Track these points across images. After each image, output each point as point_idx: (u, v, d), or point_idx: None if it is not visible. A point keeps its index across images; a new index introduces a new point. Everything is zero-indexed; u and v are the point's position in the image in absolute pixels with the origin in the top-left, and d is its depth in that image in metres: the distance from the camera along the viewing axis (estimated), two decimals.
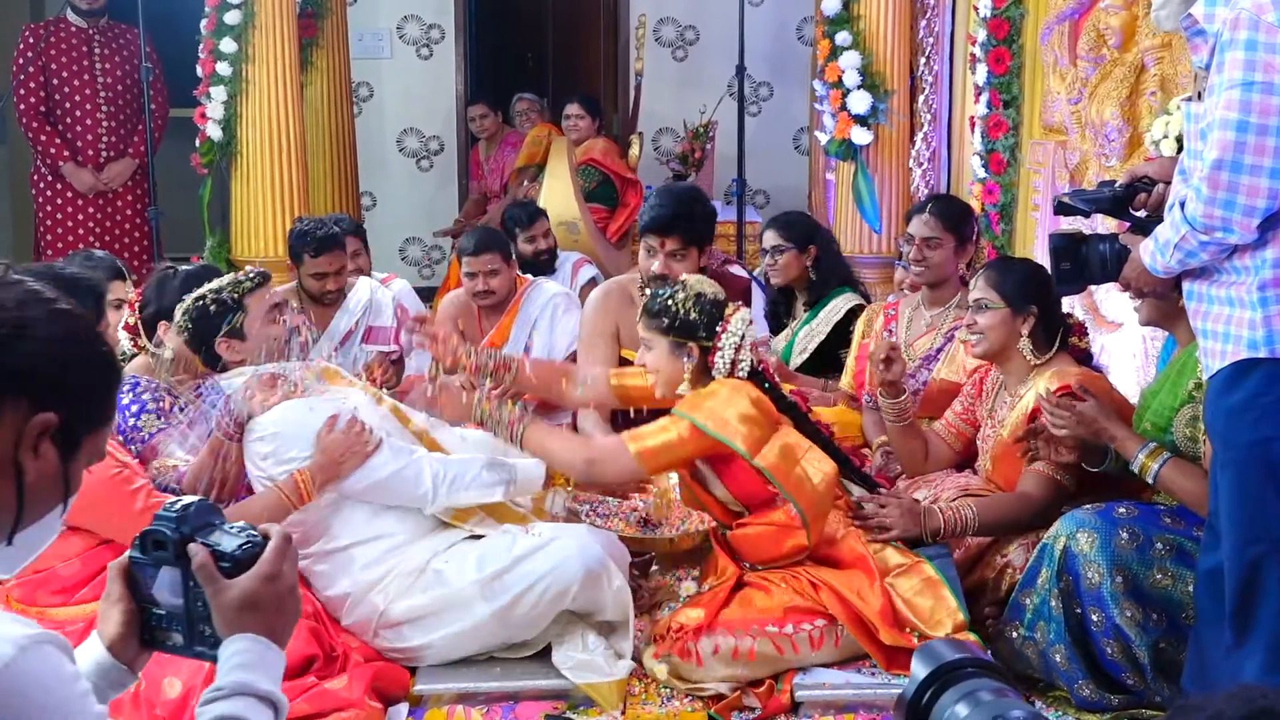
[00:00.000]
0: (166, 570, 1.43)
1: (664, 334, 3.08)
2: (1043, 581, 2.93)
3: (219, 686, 1.37)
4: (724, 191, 7.90)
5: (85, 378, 1.37)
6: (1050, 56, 4.63)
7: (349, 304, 4.63)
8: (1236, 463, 2.45)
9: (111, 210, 6.45)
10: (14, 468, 1.31)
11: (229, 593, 1.40)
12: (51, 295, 1.37)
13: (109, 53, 6.41)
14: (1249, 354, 2.40)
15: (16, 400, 1.30)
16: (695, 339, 3.06)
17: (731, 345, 3.04)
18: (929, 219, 4.03)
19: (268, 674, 1.39)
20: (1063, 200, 2.91)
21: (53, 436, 1.33)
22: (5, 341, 1.29)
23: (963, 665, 1.12)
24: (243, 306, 3.15)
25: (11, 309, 1.31)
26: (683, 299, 3.07)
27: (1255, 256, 2.39)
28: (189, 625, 1.43)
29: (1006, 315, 3.33)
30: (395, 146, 8.68)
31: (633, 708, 2.93)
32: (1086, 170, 4.31)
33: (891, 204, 6.00)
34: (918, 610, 2.98)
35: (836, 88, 5.87)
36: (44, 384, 1.32)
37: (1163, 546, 2.85)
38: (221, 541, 1.43)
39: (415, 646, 3.00)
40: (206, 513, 1.45)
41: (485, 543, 3.05)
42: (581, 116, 7.06)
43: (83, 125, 6.37)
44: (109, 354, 1.43)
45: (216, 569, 1.41)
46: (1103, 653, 2.88)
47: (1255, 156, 2.29)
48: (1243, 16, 2.30)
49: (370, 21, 8.38)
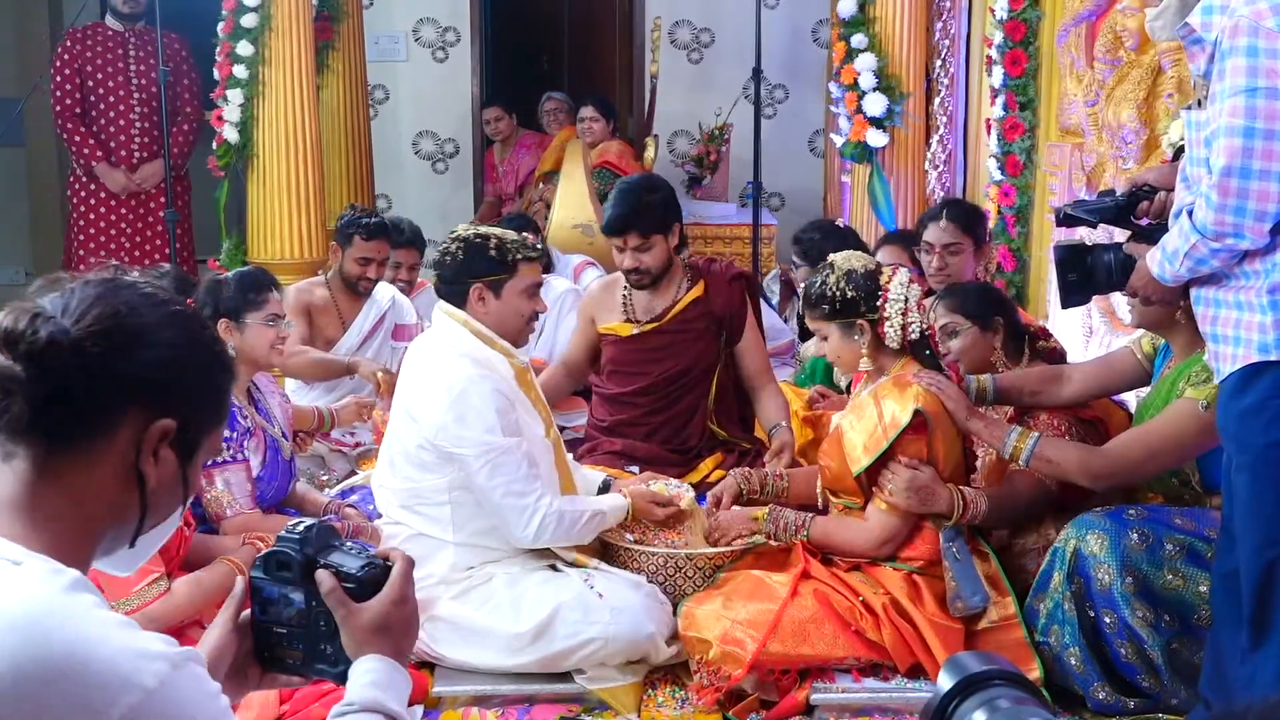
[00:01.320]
0: (290, 591, 1.46)
1: (830, 319, 3.09)
2: (1055, 585, 2.93)
3: (350, 702, 1.40)
4: (739, 194, 7.89)
5: (203, 380, 1.37)
6: (1067, 59, 4.62)
7: (376, 296, 4.69)
8: (1250, 466, 2.45)
9: (144, 212, 6.51)
10: (136, 475, 1.31)
11: (360, 616, 1.44)
12: (166, 296, 1.36)
13: (144, 55, 6.46)
14: (1260, 357, 2.40)
15: (136, 408, 1.29)
16: (861, 315, 3.06)
17: (898, 311, 3.03)
18: (947, 225, 4.01)
19: (396, 694, 1.42)
20: (1066, 212, 2.91)
21: (171, 441, 1.32)
22: (124, 349, 1.28)
23: (989, 676, 1.12)
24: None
25: (128, 315, 1.29)
26: (834, 280, 3.07)
27: (1265, 260, 2.40)
28: (310, 644, 1.47)
29: (976, 333, 3.39)
30: (410, 149, 8.70)
31: (648, 710, 2.94)
32: (1103, 173, 4.30)
33: (907, 207, 5.99)
34: None
35: (852, 90, 5.87)
36: (163, 390, 1.31)
37: (1173, 548, 2.85)
38: (344, 563, 1.46)
39: (442, 654, 3.02)
40: (326, 534, 1.49)
41: (547, 588, 3.05)
42: (596, 119, 7.06)
43: (116, 126, 6.43)
44: (224, 353, 1.43)
45: (344, 593, 1.44)
46: (1117, 655, 2.87)
47: (1263, 161, 2.30)
48: (1241, 23, 2.31)
49: (386, 24, 8.40)
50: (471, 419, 2.98)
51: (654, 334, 3.98)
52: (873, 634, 2.94)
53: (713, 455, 3.92)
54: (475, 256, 3.11)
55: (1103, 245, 2.87)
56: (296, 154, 5.80)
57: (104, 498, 1.30)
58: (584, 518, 3.10)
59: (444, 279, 3.17)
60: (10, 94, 7.12)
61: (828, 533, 3.14)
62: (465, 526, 3.08)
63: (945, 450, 3.06)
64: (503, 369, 3.11)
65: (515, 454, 3.00)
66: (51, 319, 1.26)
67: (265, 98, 5.77)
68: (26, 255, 8.29)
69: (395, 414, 3.20)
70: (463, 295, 3.11)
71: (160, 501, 1.35)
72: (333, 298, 4.66)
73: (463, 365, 3.04)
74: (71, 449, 1.27)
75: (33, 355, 1.24)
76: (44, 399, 1.24)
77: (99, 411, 1.28)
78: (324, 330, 4.61)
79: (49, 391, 1.24)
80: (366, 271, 4.59)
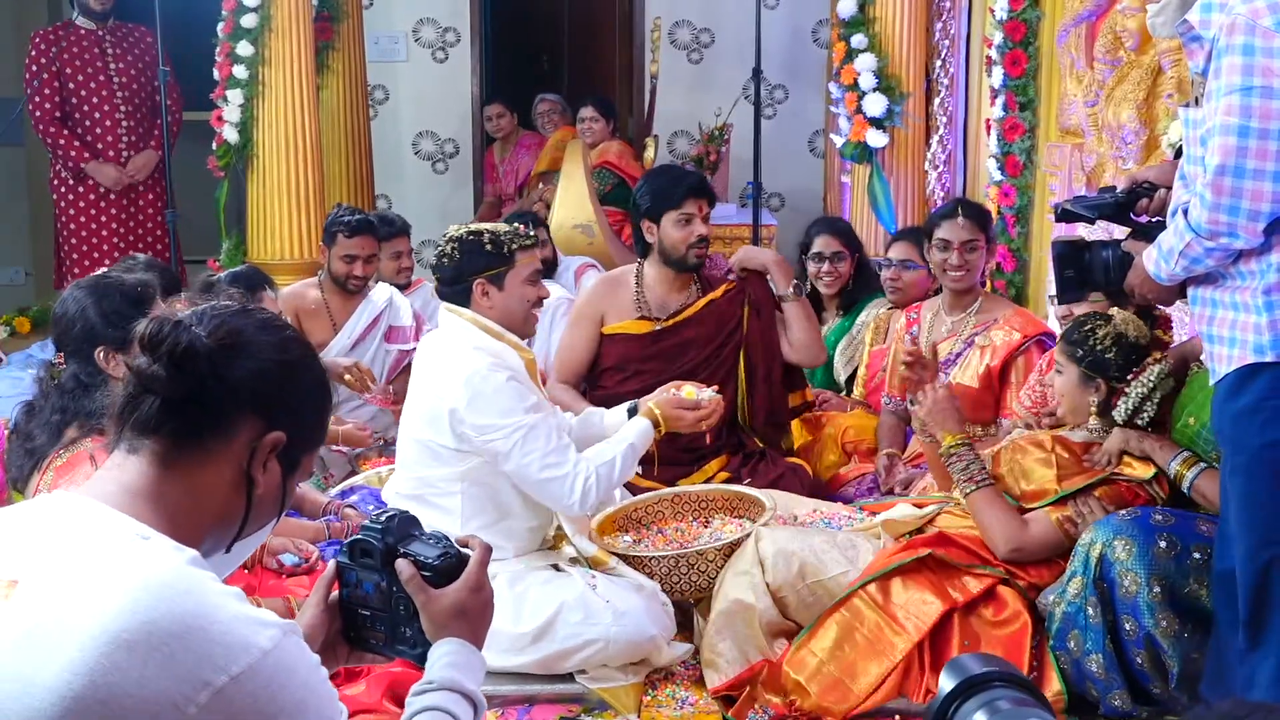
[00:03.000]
0: (372, 576, 1.56)
1: (1076, 363, 3.06)
2: (1076, 589, 2.85)
3: (430, 680, 1.51)
4: (739, 194, 7.89)
5: (311, 402, 1.53)
6: (1067, 59, 4.62)
7: (372, 296, 4.69)
8: (1245, 467, 2.44)
9: (134, 210, 6.50)
10: (246, 480, 1.44)
11: (439, 602, 1.54)
12: (283, 323, 1.52)
13: (121, 52, 6.46)
14: (1255, 358, 2.39)
15: (249, 416, 1.43)
16: (1105, 377, 3.03)
17: (1138, 395, 2.97)
18: (965, 222, 3.95)
19: (472, 675, 1.53)
20: (1065, 208, 2.89)
21: (279, 453, 1.46)
22: (249, 362, 1.44)
23: (989, 678, 1.12)
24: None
25: (254, 333, 1.46)
26: (1104, 334, 3.03)
27: (1260, 261, 2.39)
28: (391, 626, 1.57)
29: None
30: (410, 149, 8.69)
31: (648, 711, 2.93)
32: (1103, 173, 4.29)
33: (907, 207, 5.99)
34: None
35: (852, 90, 5.87)
36: (277, 405, 1.45)
37: (1200, 556, 2.77)
38: (422, 552, 1.56)
39: None
40: (407, 524, 1.59)
41: (549, 589, 3.05)
42: (596, 119, 7.06)
43: (102, 127, 6.42)
44: (327, 382, 1.56)
45: (422, 580, 1.54)
46: (1132, 662, 2.81)
47: (1258, 161, 2.29)
48: (1238, 22, 2.29)
49: (386, 25, 8.40)
50: (494, 404, 2.99)
51: (673, 330, 3.95)
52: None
53: (718, 457, 3.89)
54: (473, 253, 3.11)
55: (1101, 242, 2.85)
56: (296, 154, 5.80)
57: (216, 496, 1.43)
58: (619, 461, 3.12)
59: (445, 280, 3.16)
60: (10, 94, 7.11)
61: (980, 509, 3.04)
62: (473, 520, 3.07)
63: None
64: (514, 361, 3.11)
65: (542, 428, 3.02)
66: (190, 328, 1.43)
67: (265, 98, 5.78)
68: (26, 255, 8.29)
69: (408, 413, 3.20)
70: (466, 293, 3.11)
71: (262, 510, 1.48)
72: (325, 299, 4.66)
73: (477, 357, 3.05)
74: (193, 447, 1.41)
75: (173, 358, 1.40)
76: (178, 399, 1.40)
77: (221, 415, 1.42)
78: (314, 334, 4.58)
79: (183, 393, 1.40)
80: (353, 269, 4.59)
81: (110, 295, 2.69)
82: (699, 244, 3.88)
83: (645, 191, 3.95)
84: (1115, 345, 3.01)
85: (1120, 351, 3.01)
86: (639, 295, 4.01)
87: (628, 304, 4.01)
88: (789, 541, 3.11)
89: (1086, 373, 3.04)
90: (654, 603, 3.07)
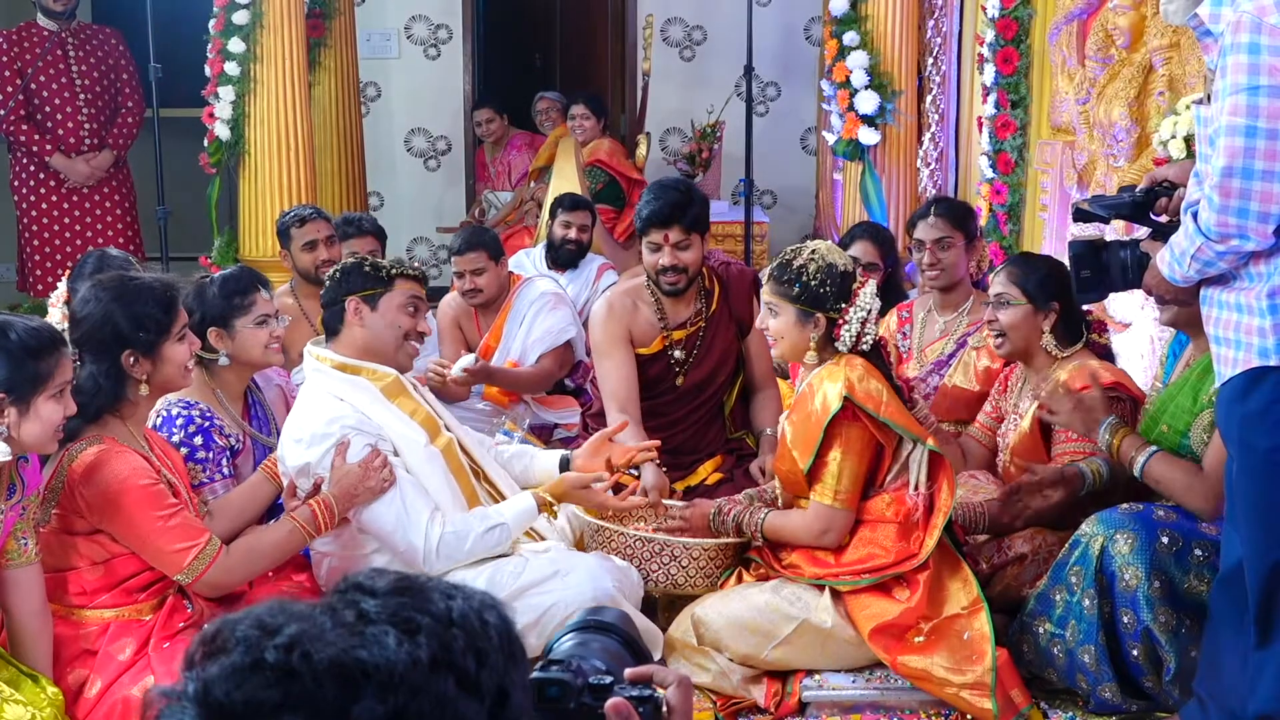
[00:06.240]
0: None
1: (792, 302, 3.04)
2: (1076, 580, 2.86)
3: None
4: (731, 192, 7.90)
5: None
6: (1058, 57, 4.63)
7: None
8: (1253, 469, 2.43)
9: (91, 206, 6.47)
10: None
11: None
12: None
13: (84, 54, 6.44)
14: (1260, 362, 2.38)
15: None
16: (823, 310, 3.02)
17: (858, 319, 3.00)
18: (936, 220, 3.98)
19: None
20: (1081, 207, 2.86)
21: None
22: None
23: (610, 628, 1.25)
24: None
25: None
26: (814, 269, 3.02)
27: (1269, 263, 2.37)
28: None
29: (1028, 311, 3.30)
30: (403, 146, 8.68)
31: None
32: (1095, 171, 4.30)
33: (899, 204, 6.00)
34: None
35: (844, 88, 5.87)
36: None
37: (1201, 553, 2.78)
38: None
39: None
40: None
41: (494, 566, 3.02)
42: (587, 117, 7.05)
43: (64, 129, 6.39)
44: None
45: None
46: (1127, 654, 2.82)
47: (1266, 161, 2.26)
48: (1244, 20, 2.26)
49: (378, 21, 8.39)
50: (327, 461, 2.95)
51: (680, 344, 3.88)
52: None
53: (711, 459, 3.86)
54: (352, 274, 3.12)
55: (1118, 241, 2.82)
56: (288, 151, 5.79)
57: None
58: (471, 539, 3.00)
59: (324, 303, 3.16)
60: None
61: (776, 527, 3.11)
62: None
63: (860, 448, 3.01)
64: (366, 392, 3.05)
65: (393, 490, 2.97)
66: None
67: (257, 95, 5.76)
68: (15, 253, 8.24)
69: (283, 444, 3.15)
70: (340, 313, 3.10)
71: None
72: (299, 305, 4.51)
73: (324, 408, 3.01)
74: None
75: None
76: None
77: None
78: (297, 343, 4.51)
79: None
80: (317, 256, 4.46)
81: (140, 299, 2.72)
82: (665, 272, 3.74)
83: (638, 208, 3.88)
84: (827, 277, 3.01)
85: (832, 282, 3.00)
86: (660, 311, 3.88)
87: (650, 321, 3.89)
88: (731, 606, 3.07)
89: (805, 309, 3.02)
90: (599, 559, 3.08)
